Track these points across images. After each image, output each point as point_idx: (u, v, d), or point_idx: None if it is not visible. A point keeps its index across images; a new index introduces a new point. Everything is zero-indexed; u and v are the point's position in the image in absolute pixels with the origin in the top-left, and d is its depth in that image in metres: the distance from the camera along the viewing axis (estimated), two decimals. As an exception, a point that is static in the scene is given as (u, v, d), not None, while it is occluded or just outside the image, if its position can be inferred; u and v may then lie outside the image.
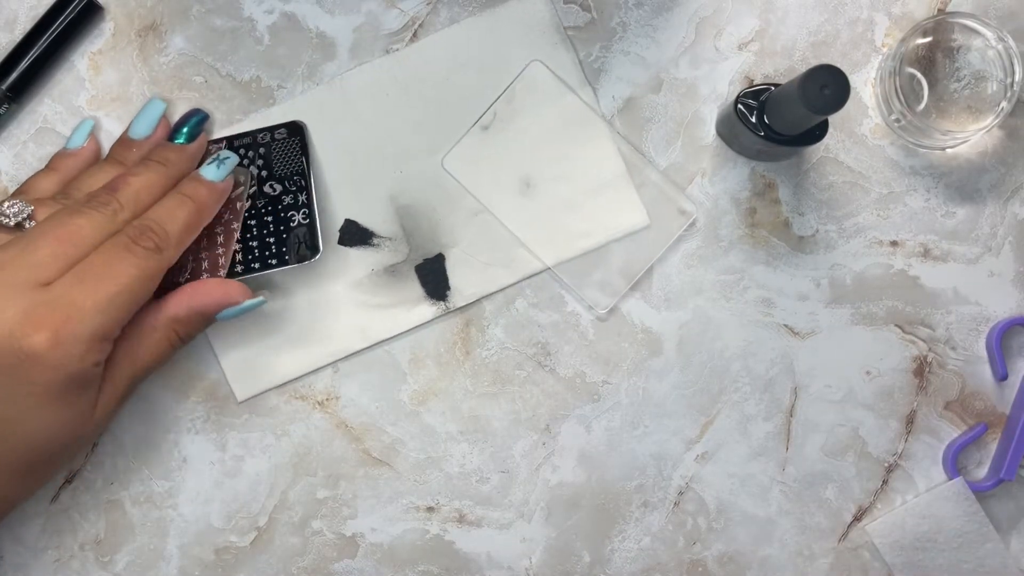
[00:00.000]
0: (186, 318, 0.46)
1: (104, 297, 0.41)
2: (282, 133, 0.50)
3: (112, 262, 0.42)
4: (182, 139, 0.49)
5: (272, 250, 0.49)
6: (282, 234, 0.49)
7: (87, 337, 0.41)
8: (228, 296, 0.47)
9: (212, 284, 0.47)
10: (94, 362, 0.42)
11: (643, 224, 0.51)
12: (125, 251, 0.43)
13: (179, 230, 0.45)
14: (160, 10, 0.51)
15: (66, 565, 0.51)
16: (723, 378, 0.52)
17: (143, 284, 0.43)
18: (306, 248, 0.49)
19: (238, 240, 0.49)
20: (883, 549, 0.52)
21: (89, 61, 0.51)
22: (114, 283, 0.42)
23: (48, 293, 0.41)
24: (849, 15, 0.52)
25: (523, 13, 0.51)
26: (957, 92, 0.50)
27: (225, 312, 0.47)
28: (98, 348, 0.42)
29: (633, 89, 0.52)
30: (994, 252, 0.52)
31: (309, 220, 0.49)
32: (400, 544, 0.51)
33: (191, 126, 0.49)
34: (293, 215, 0.49)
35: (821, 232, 0.52)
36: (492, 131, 0.51)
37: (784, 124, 0.47)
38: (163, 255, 0.44)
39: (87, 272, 0.42)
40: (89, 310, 0.41)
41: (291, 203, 0.49)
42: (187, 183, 0.46)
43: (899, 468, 0.52)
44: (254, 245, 0.49)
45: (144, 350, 0.45)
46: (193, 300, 0.46)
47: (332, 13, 0.51)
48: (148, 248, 0.43)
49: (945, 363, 0.52)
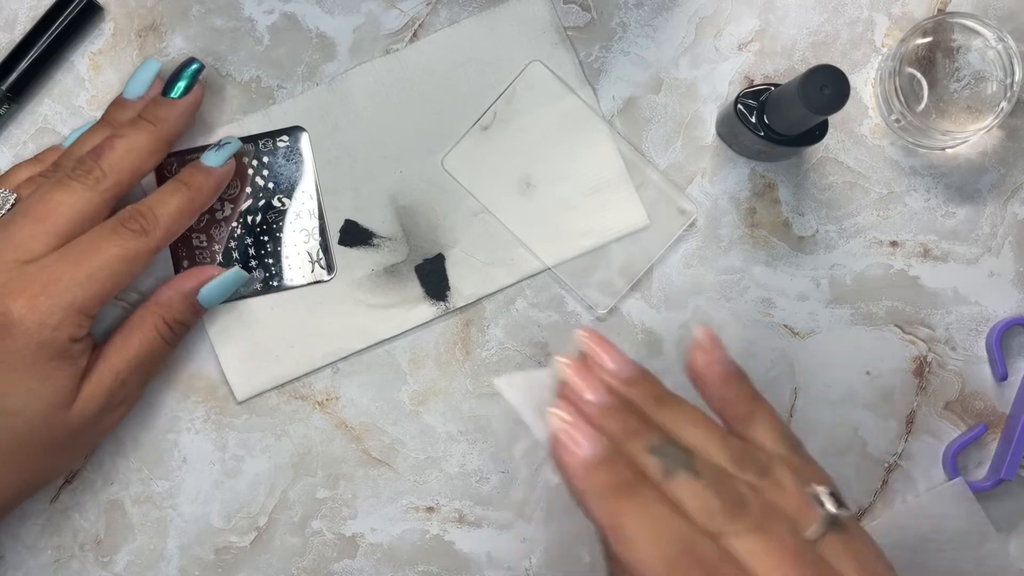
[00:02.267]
0: (167, 301, 0.47)
1: (83, 271, 0.43)
2: (284, 141, 0.50)
3: (97, 241, 0.43)
4: (176, 93, 0.48)
5: (287, 268, 0.50)
6: (296, 252, 0.50)
7: (63, 306, 0.42)
8: (204, 272, 0.48)
9: (193, 268, 0.48)
10: (69, 335, 0.42)
11: (643, 224, 0.51)
12: (111, 232, 0.44)
13: (169, 214, 0.45)
14: (160, 10, 0.51)
15: (66, 565, 0.51)
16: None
17: (125, 264, 0.44)
18: (321, 267, 0.50)
19: (235, 237, 0.49)
20: (883, 549, 0.51)
21: (89, 61, 0.51)
22: (95, 259, 0.43)
23: (29, 267, 0.42)
24: (849, 15, 0.52)
25: (522, 13, 0.51)
26: (957, 92, 0.50)
27: (207, 292, 0.48)
28: (74, 320, 0.42)
29: (633, 89, 0.52)
30: (994, 252, 0.52)
31: (322, 238, 0.50)
32: (400, 544, 0.51)
33: (186, 78, 0.48)
34: (304, 231, 0.50)
35: (821, 232, 0.52)
36: (492, 131, 0.51)
37: (784, 124, 0.47)
38: (149, 237, 0.44)
39: (71, 250, 0.43)
40: (67, 281, 0.42)
41: (301, 218, 0.50)
42: (186, 170, 0.47)
43: (899, 468, 0.52)
44: (270, 263, 0.50)
45: (131, 341, 0.46)
46: (173, 282, 0.48)
47: (332, 13, 0.51)
48: (134, 230, 0.44)
49: (945, 363, 0.52)
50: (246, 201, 0.50)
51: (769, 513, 0.31)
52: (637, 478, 0.32)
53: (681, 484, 0.32)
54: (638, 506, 0.31)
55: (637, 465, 0.33)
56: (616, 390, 0.36)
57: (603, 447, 0.33)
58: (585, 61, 0.52)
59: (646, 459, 0.33)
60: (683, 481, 0.32)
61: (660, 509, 0.31)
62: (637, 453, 0.33)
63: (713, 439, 0.34)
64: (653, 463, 0.33)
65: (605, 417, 0.34)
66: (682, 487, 0.32)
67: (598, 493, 0.32)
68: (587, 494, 0.33)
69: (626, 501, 0.32)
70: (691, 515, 0.31)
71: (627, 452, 0.33)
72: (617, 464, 0.33)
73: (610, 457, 0.33)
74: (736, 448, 0.34)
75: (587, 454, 0.33)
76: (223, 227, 0.50)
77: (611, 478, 0.32)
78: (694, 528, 0.31)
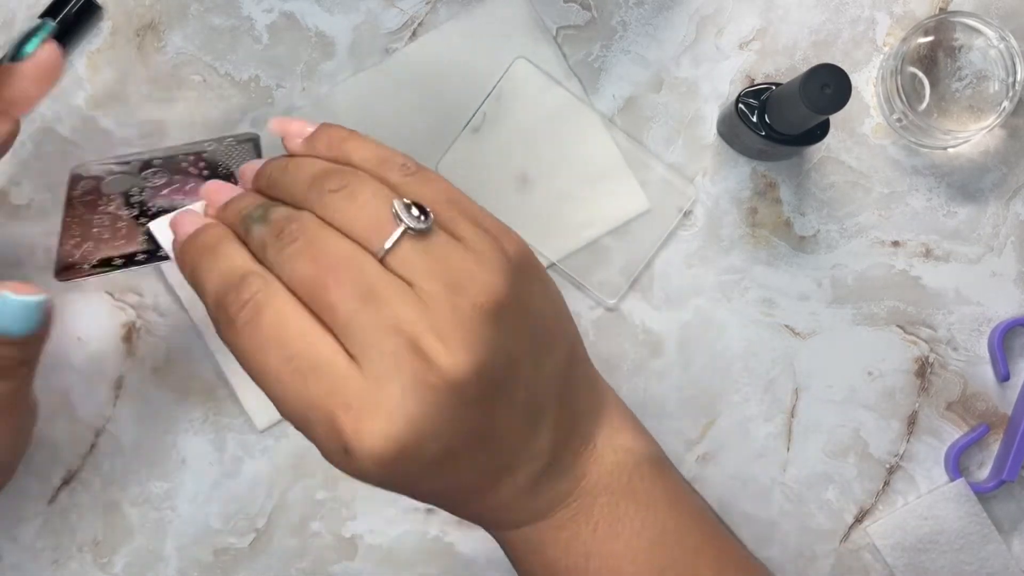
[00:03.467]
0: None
1: None
2: (231, 141, 0.45)
3: None
4: (22, 56, 0.39)
5: None
6: None
7: None
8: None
9: None
10: None
11: (644, 208, 0.51)
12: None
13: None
14: (159, 9, 0.51)
15: (64, 566, 0.51)
16: (724, 379, 0.52)
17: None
18: None
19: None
20: (884, 550, 0.51)
21: (87, 60, 0.51)
22: None
23: None
24: (850, 14, 0.52)
25: (500, 12, 0.51)
26: (959, 91, 0.50)
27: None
28: None
29: (634, 88, 0.51)
30: (996, 252, 0.52)
31: None
32: (399, 546, 0.51)
33: (31, 41, 0.39)
34: None
35: (822, 232, 0.51)
36: (483, 132, 0.51)
37: (785, 123, 0.47)
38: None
39: None
40: None
41: None
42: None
43: (900, 469, 0.52)
44: None
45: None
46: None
47: (331, 12, 0.51)
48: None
49: (947, 364, 0.52)
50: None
51: (321, 234, 0.31)
52: (220, 239, 0.33)
53: (255, 234, 0.33)
54: (208, 259, 0.33)
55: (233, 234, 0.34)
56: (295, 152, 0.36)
57: (201, 223, 0.34)
58: (585, 60, 0.51)
59: (238, 226, 0.34)
60: (256, 231, 0.33)
61: (222, 256, 0.33)
62: (233, 222, 0.34)
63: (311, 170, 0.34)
64: (242, 226, 0.34)
65: (227, 208, 0.35)
66: (254, 236, 0.33)
67: (188, 262, 0.34)
68: (183, 267, 0.34)
69: (203, 257, 0.33)
70: (252, 254, 0.33)
71: (227, 223, 0.34)
72: (207, 231, 0.34)
73: (204, 228, 0.34)
74: (317, 171, 0.34)
75: (187, 231, 0.34)
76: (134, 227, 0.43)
77: (198, 243, 0.34)
78: (248, 266, 0.32)
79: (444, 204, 0.33)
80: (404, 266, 0.31)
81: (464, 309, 0.30)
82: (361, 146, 0.35)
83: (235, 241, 0.33)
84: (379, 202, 0.32)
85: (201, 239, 0.34)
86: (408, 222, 0.31)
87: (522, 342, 0.32)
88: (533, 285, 0.34)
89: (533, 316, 0.33)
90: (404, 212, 0.31)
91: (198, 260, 0.33)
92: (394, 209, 0.31)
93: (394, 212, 0.31)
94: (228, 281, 0.31)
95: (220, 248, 0.33)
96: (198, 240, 0.34)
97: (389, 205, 0.31)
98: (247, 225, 0.33)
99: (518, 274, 0.32)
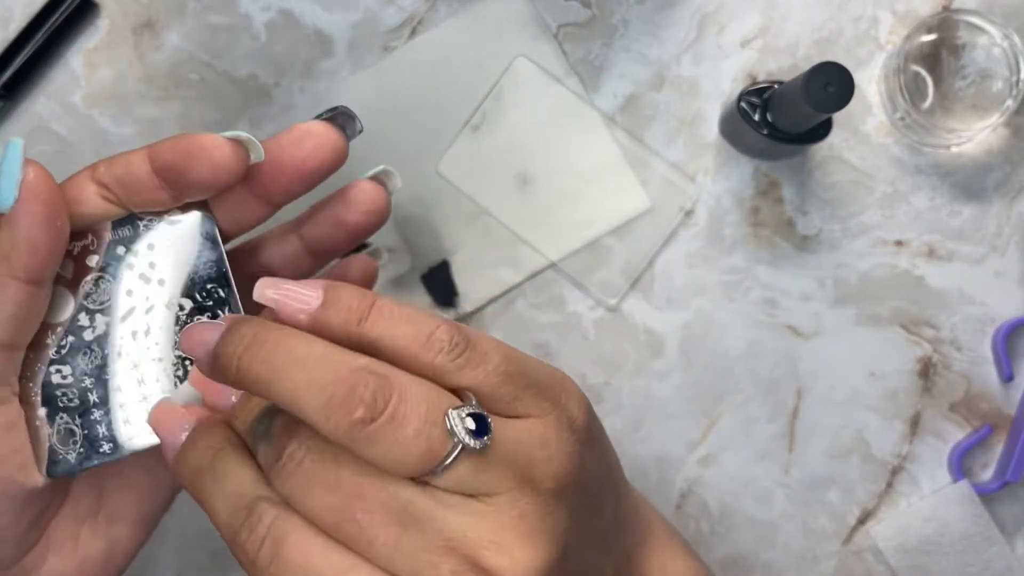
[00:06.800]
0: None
1: None
2: (175, 220, 0.35)
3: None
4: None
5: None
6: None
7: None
8: None
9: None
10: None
11: (644, 207, 0.51)
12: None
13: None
14: (156, 7, 0.51)
15: (61, 569, 0.51)
16: (726, 379, 0.51)
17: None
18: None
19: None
20: (887, 552, 0.51)
21: (84, 58, 0.51)
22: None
23: None
24: (853, 12, 0.51)
25: (501, 10, 0.51)
26: (962, 90, 0.50)
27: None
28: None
29: (635, 87, 0.51)
30: (1000, 252, 0.51)
31: None
32: (399, 547, 0.51)
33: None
34: None
35: (825, 231, 0.51)
36: (483, 131, 0.51)
37: (788, 122, 0.47)
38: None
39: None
40: None
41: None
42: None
43: (903, 470, 0.52)
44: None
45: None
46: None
47: (330, 10, 0.51)
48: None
49: (950, 364, 0.52)
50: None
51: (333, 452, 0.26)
52: (217, 452, 0.29)
53: (260, 452, 0.28)
54: (209, 480, 0.28)
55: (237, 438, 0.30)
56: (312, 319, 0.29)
57: (190, 425, 0.30)
58: (586, 58, 0.51)
59: (243, 433, 0.29)
60: (261, 450, 0.28)
61: (222, 476, 0.28)
62: (243, 432, 0.29)
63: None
64: (247, 437, 0.29)
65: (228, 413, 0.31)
66: (260, 453, 0.28)
67: (185, 482, 0.29)
68: (182, 483, 0.30)
69: (203, 478, 0.29)
70: (265, 478, 0.28)
71: (229, 424, 0.30)
72: (199, 444, 0.29)
73: (196, 439, 0.30)
74: (341, 390, 0.26)
75: (175, 441, 0.30)
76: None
77: (192, 463, 0.29)
78: (256, 490, 0.27)
79: (502, 383, 0.27)
80: (457, 485, 0.26)
81: (528, 506, 0.26)
82: (393, 322, 0.27)
83: (236, 452, 0.29)
84: (431, 428, 0.25)
85: (193, 457, 0.29)
86: (464, 439, 0.25)
87: (581, 514, 0.29)
88: (594, 447, 0.30)
89: (591, 478, 0.30)
90: (460, 426, 0.25)
91: (198, 482, 0.29)
92: (449, 425, 0.25)
93: (449, 429, 0.25)
94: (236, 511, 0.27)
95: (219, 466, 0.28)
96: (191, 459, 0.29)
97: (443, 424, 0.25)
98: (251, 439, 0.29)
99: (585, 443, 0.28)
